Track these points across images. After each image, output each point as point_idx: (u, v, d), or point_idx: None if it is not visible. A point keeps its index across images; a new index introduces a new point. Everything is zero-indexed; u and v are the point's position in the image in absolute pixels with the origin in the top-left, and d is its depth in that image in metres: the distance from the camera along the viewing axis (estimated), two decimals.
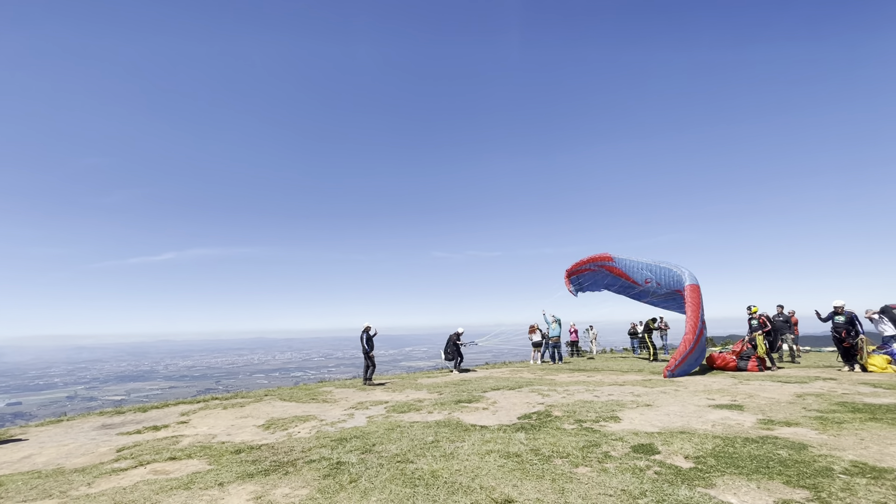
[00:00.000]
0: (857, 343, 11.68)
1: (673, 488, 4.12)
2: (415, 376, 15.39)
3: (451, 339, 16.24)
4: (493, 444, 5.85)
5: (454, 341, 16.13)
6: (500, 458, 5.19)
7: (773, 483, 4.18)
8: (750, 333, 13.52)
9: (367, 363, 13.19)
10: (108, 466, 5.71)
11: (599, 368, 15.52)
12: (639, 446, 5.48)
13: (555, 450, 5.46)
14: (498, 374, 14.93)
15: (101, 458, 6.20)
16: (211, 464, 5.63)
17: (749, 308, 13.98)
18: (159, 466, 5.64)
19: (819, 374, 11.58)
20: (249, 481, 4.88)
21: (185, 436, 7.30)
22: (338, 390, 11.86)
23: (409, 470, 4.94)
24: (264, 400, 10.41)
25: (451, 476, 4.67)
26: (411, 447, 5.86)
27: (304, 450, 6.04)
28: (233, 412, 9.12)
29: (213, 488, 4.72)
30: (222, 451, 6.17)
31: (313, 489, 4.52)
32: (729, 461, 4.80)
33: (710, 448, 5.29)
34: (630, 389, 10.07)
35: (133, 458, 6.01)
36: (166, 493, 4.64)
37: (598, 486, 4.23)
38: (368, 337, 13.21)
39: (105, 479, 5.20)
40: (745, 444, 5.37)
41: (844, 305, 12.16)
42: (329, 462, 5.39)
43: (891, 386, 9.11)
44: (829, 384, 9.73)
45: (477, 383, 12.21)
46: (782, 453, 4.98)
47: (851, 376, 10.89)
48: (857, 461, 4.65)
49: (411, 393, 10.94)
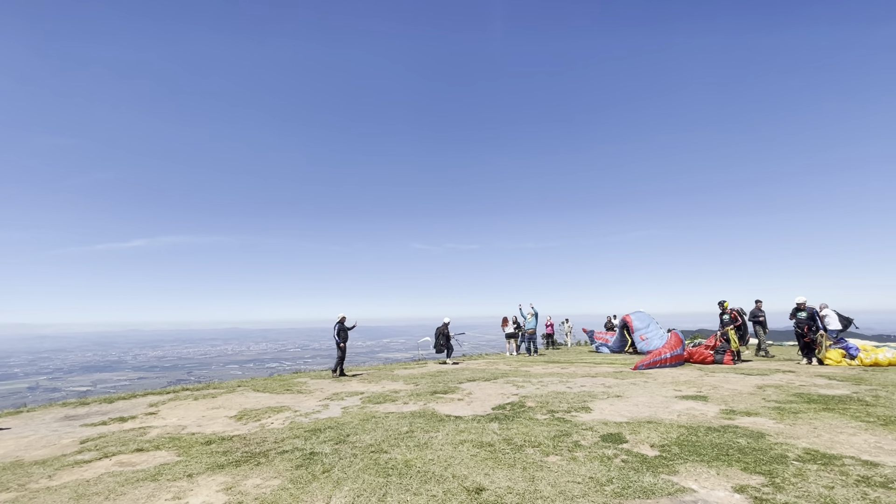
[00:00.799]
0: (817, 338, 12.29)
1: (638, 475, 4.27)
2: (391, 367, 15.39)
3: (440, 330, 16.02)
4: (466, 434, 5.92)
5: (444, 332, 15.93)
6: (474, 448, 5.27)
7: (731, 469, 4.37)
8: (721, 328, 14.02)
9: (339, 354, 13.00)
10: (71, 458, 5.53)
11: (573, 360, 15.85)
12: (608, 436, 5.64)
13: (527, 439, 5.57)
14: (474, 365, 15.07)
15: (63, 450, 5.99)
16: (180, 455, 5.52)
17: (721, 303, 14.47)
18: (125, 458, 5.49)
19: (780, 366, 12.14)
20: (220, 472, 4.81)
21: (154, 427, 7.13)
22: (313, 381, 11.77)
23: (383, 460, 4.96)
24: (237, 391, 10.25)
25: (424, 465, 4.72)
26: (386, 437, 5.88)
27: (277, 441, 5.99)
28: (204, 403, 8.94)
29: (181, 480, 4.63)
30: (192, 443, 6.05)
31: (285, 479, 4.50)
32: (692, 449, 5.00)
33: (675, 437, 5.49)
34: (602, 381, 10.34)
35: (98, 450, 5.84)
36: (132, 484, 4.53)
37: (567, 474, 4.35)
38: (341, 327, 13.07)
39: (67, 472, 5.04)
40: (708, 433, 5.60)
41: (806, 302, 12.77)
42: (302, 453, 5.36)
43: (844, 378, 9.63)
44: (788, 376, 10.21)
45: (453, 374, 12.31)
46: (741, 441, 5.22)
47: (809, 369, 11.46)
48: (810, 448, 4.91)
49: (387, 384, 10.95)
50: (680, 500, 3.76)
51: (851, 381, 9.27)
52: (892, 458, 4.57)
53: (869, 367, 11.33)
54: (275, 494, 4.13)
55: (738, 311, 14.27)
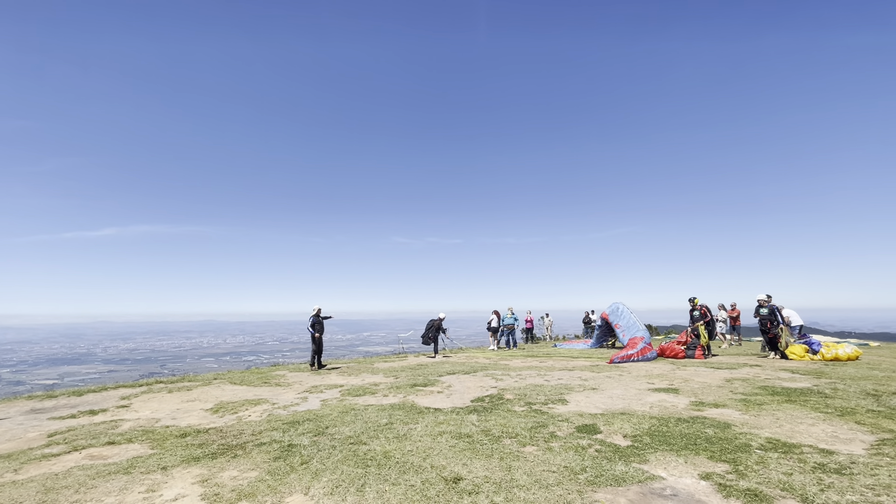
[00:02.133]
0: (778, 332, 12.90)
1: (611, 464, 4.42)
2: (371, 361, 15.38)
3: (433, 324, 16.18)
4: (445, 425, 5.99)
5: (437, 326, 16.12)
6: (452, 439, 5.34)
7: (698, 458, 4.56)
8: (692, 324, 14.47)
9: (313, 346, 12.81)
10: (38, 452, 5.37)
11: (551, 354, 16.14)
12: (583, 427, 5.80)
13: (504, 431, 5.68)
14: (454, 359, 15.20)
15: (29, 443, 5.81)
16: (154, 448, 5.42)
17: (691, 300, 14.93)
18: (96, 451, 5.37)
19: (747, 361, 12.63)
20: (195, 465, 4.75)
21: (126, 420, 6.97)
22: (292, 374, 11.67)
23: (362, 451, 4.98)
24: (213, 384, 10.08)
25: (403, 456, 4.76)
26: (365, 429, 5.90)
27: (255, 433, 5.94)
28: (179, 396, 8.78)
29: (155, 472, 4.56)
30: (166, 436, 5.95)
31: (263, 471, 4.48)
32: (662, 439, 5.18)
33: (647, 427, 5.69)
34: (578, 374, 10.57)
35: (67, 444, 5.69)
36: (104, 478, 4.44)
37: (542, 464, 4.46)
38: (316, 319, 12.91)
39: (34, 465, 4.90)
40: (678, 424, 5.81)
41: (769, 299, 13.32)
42: (280, 445, 5.33)
43: (807, 372, 10.10)
44: (754, 370, 10.64)
45: (433, 368, 12.38)
46: (709, 431, 5.44)
47: (774, 363, 11.96)
48: (772, 438, 5.16)
49: (367, 377, 10.95)
50: (649, 487, 3.91)
51: (813, 374, 9.73)
52: (847, 446, 4.84)
53: (830, 361, 11.90)
54: (252, 486, 4.11)
55: (708, 307, 14.76)
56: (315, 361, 12.77)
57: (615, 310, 16.88)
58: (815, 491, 3.73)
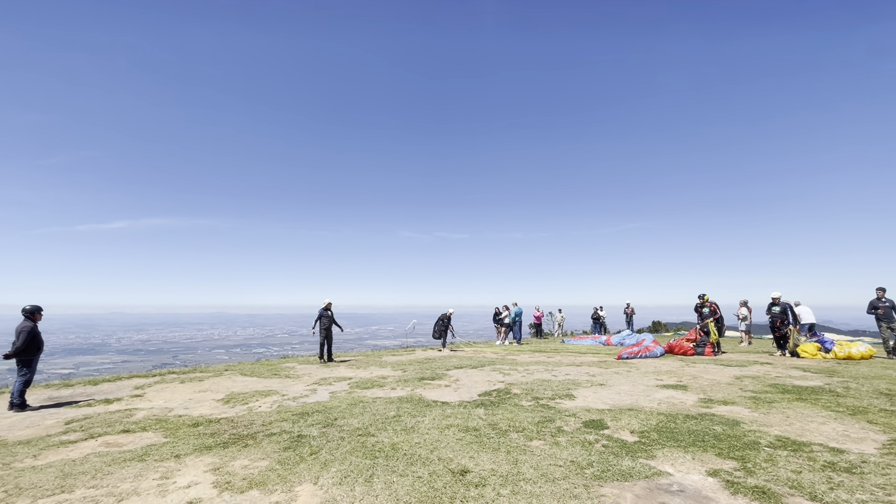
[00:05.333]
0: (787, 332, 12.77)
1: (617, 460, 4.42)
2: (380, 354, 15.49)
3: (443, 318, 16.77)
4: (453, 419, 6.04)
5: (446, 321, 16.74)
6: (459, 432, 5.38)
7: (706, 455, 4.55)
8: (701, 321, 14.34)
9: (320, 340, 12.90)
10: (56, 439, 5.52)
11: (559, 349, 16.12)
12: (590, 422, 5.80)
13: (511, 425, 5.71)
14: (462, 353, 15.25)
15: (47, 430, 5.97)
16: (167, 436, 5.54)
17: (701, 297, 14.78)
18: (111, 439, 5.50)
19: (757, 358, 12.50)
20: (207, 453, 4.85)
21: (140, 409, 7.13)
22: (301, 366, 11.81)
23: (370, 443, 5.05)
24: (224, 375, 10.25)
25: (410, 448, 4.82)
26: (373, 421, 5.97)
27: (265, 423, 6.04)
28: (191, 386, 8.94)
29: (168, 460, 4.67)
30: (179, 425, 6.08)
31: (273, 461, 4.56)
32: (670, 435, 5.17)
33: (654, 424, 5.67)
34: (586, 370, 10.55)
35: (83, 431, 5.84)
36: (119, 465, 4.55)
37: (549, 458, 4.48)
38: (322, 313, 12.95)
39: (52, 452, 5.04)
40: (686, 421, 5.79)
41: (781, 297, 13.15)
42: (290, 435, 5.42)
43: (818, 370, 9.97)
44: (765, 368, 10.54)
45: (441, 362, 12.44)
46: (717, 429, 5.41)
47: (785, 361, 11.83)
48: (782, 436, 5.12)
49: (375, 370, 11.04)
50: (656, 483, 3.91)
51: (825, 373, 9.61)
52: (858, 445, 4.79)
53: (843, 360, 11.73)
54: (262, 475, 4.19)
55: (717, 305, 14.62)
56: (324, 353, 12.89)
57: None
58: (824, 489, 3.70)
